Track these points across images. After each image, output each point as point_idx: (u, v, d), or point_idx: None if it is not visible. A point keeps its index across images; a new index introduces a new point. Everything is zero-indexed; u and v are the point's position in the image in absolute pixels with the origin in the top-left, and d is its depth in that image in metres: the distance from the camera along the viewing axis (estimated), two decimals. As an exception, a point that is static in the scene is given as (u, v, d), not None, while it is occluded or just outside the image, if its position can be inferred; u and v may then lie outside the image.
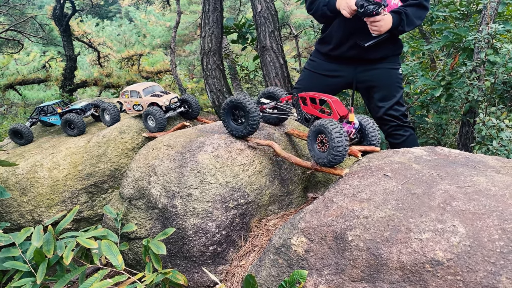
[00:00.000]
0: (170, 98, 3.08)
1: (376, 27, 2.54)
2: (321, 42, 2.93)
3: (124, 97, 3.21)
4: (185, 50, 18.05)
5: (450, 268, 1.49)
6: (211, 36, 5.12)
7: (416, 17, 2.69)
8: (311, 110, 2.31)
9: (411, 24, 2.68)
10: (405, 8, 2.64)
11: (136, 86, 3.21)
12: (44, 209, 2.90)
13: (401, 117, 2.81)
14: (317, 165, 2.16)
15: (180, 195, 2.22)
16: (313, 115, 2.31)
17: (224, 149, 2.35)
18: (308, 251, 1.80)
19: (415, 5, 2.67)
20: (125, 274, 1.92)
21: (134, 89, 3.17)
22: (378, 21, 2.52)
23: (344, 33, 2.75)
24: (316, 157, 2.11)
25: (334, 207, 1.85)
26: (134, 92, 3.14)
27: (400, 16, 2.61)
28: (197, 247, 2.15)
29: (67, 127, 3.32)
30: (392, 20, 2.58)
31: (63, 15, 9.14)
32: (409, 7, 2.66)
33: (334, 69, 2.85)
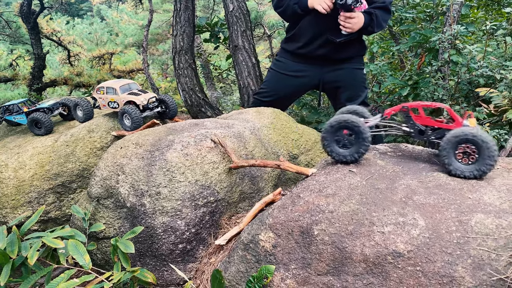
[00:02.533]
0: (148, 98, 3.02)
1: (350, 24, 2.60)
2: (288, 41, 2.96)
3: (99, 93, 3.13)
4: (158, 49, 17.84)
5: (410, 259, 1.55)
6: (183, 34, 5.09)
7: (383, 20, 2.78)
8: (426, 121, 2.07)
9: (380, 26, 2.76)
10: (374, 10, 2.71)
11: (113, 82, 3.14)
12: (9, 210, 2.83)
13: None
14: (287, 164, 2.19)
15: (149, 193, 2.21)
16: (428, 126, 2.08)
17: (193, 147, 2.35)
18: (275, 246, 1.82)
19: (382, 8, 2.75)
20: (92, 274, 1.90)
21: (110, 85, 3.09)
22: (353, 18, 2.58)
23: (314, 32, 2.80)
24: (457, 170, 1.86)
25: (301, 203, 1.89)
26: (110, 88, 3.07)
27: (371, 17, 2.68)
28: (166, 245, 2.15)
29: (33, 127, 3.24)
30: (364, 19, 2.64)
31: (31, 12, 8.88)
32: (377, 9, 2.73)
33: (301, 70, 2.90)
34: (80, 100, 3.18)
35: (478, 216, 1.60)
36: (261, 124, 2.78)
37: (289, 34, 2.95)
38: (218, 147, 2.43)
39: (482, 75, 3.20)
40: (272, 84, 3.00)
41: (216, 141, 2.41)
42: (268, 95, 3.17)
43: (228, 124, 2.69)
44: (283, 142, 2.78)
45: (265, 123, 2.81)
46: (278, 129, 2.82)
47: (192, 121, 2.78)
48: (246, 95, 5.05)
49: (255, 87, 4.99)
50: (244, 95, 5.05)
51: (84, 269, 1.93)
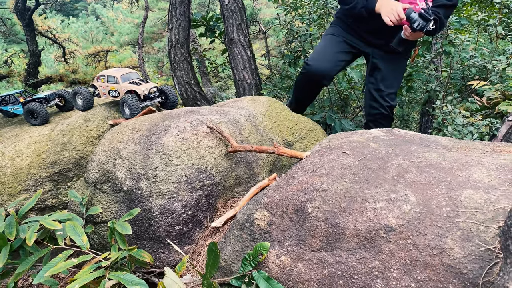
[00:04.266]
0: (150, 87, 3.03)
1: (415, 37, 2.61)
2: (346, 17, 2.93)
3: (99, 81, 3.14)
4: (153, 48, 17.83)
5: (402, 233, 1.59)
6: (179, 28, 5.12)
7: (445, 17, 2.73)
8: None
9: (441, 28, 2.74)
10: (438, 11, 2.64)
11: (113, 71, 3.14)
12: (7, 197, 2.84)
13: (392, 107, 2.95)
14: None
15: (146, 176, 2.24)
16: None
17: (189, 132, 2.38)
18: (270, 224, 1.86)
19: (448, 6, 2.69)
20: (90, 254, 1.93)
21: (111, 74, 3.09)
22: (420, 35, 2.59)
23: (373, 27, 2.79)
24: None
25: (295, 182, 1.92)
26: (111, 77, 3.07)
27: (435, 25, 2.65)
28: (163, 227, 2.18)
29: (29, 117, 3.25)
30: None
31: (25, 9, 8.88)
32: (442, 7, 2.67)
33: (356, 43, 2.93)
34: (80, 89, 3.19)
35: (467, 192, 1.64)
36: (256, 112, 2.82)
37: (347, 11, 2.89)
38: (214, 133, 2.46)
39: (474, 65, 3.25)
40: (325, 49, 2.92)
41: (211, 127, 2.44)
42: (317, 57, 2.99)
43: (224, 111, 2.73)
44: (278, 130, 2.82)
45: (260, 110, 2.84)
46: (273, 117, 2.86)
47: (188, 108, 2.81)
48: (241, 88, 5.08)
49: (251, 80, 5.02)
50: (240, 89, 5.09)
51: (82, 249, 1.96)
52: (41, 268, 2.45)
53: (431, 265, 1.50)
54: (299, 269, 1.75)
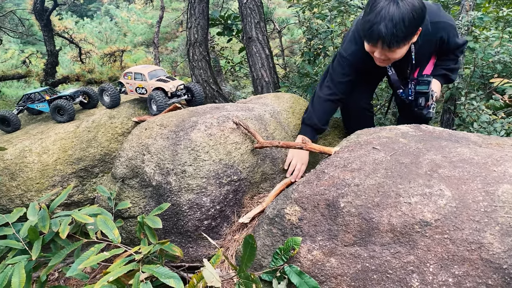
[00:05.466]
0: (177, 85, 3.04)
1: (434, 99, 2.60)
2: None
3: (126, 78, 3.15)
4: (167, 48, 17.95)
5: (438, 228, 1.58)
6: (197, 27, 5.15)
7: (456, 70, 2.69)
8: None
9: (455, 76, 2.72)
10: (448, 66, 2.63)
11: (141, 68, 3.14)
12: (34, 193, 2.89)
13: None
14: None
15: (174, 172, 2.25)
16: None
17: (217, 128, 2.40)
18: (301, 219, 1.86)
19: (452, 60, 2.66)
20: (121, 247, 1.95)
21: (138, 71, 3.10)
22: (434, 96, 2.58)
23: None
24: None
25: (325, 178, 1.92)
26: (139, 74, 3.09)
27: (447, 77, 2.64)
28: (192, 221, 2.19)
29: (56, 114, 3.29)
30: (440, 84, 2.63)
31: (44, 10, 9.00)
32: (449, 62, 2.64)
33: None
34: (107, 86, 3.20)
35: (504, 187, 1.62)
36: (281, 108, 2.82)
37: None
38: (240, 129, 2.46)
39: (499, 61, 3.21)
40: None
41: (238, 123, 2.45)
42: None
43: (248, 107, 2.73)
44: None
45: (285, 107, 2.84)
46: (297, 113, 2.86)
47: (213, 105, 2.82)
48: (259, 86, 5.09)
49: (269, 79, 5.03)
50: (258, 87, 5.10)
51: (114, 243, 1.98)
52: (70, 261, 2.49)
53: (469, 260, 1.49)
54: (332, 263, 1.75)
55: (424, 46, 2.44)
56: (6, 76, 10.09)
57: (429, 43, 2.44)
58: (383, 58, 2.27)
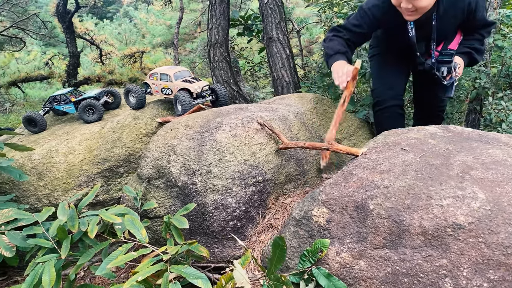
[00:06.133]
0: (202, 86, 3.06)
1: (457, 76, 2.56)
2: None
3: (152, 79, 3.18)
4: (186, 49, 18.09)
5: (472, 231, 1.54)
6: (218, 28, 5.16)
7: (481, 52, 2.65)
8: None
9: (481, 57, 2.66)
10: (473, 45, 2.58)
11: (166, 68, 3.17)
12: (61, 193, 2.94)
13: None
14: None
15: (200, 172, 2.26)
16: None
17: (241, 129, 2.39)
18: (329, 221, 1.84)
19: (479, 40, 2.61)
20: (149, 247, 1.96)
21: (164, 72, 3.13)
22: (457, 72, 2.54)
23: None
24: None
25: (354, 179, 1.90)
26: (164, 75, 3.11)
27: (471, 56, 2.59)
28: (218, 222, 2.19)
29: (85, 113, 3.34)
30: (464, 62, 2.58)
31: (66, 12, 9.17)
32: (475, 41, 2.59)
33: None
34: (133, 87, 3.23)
35: (541, 189, 1.57)
36: (305, 109, 2.80)
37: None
38: (264, 130, 2.46)
39: (529, 59, 3.13)
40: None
41: (262, 124, 2.44)
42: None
43: (272, 108, 2.73)
44: (326, 127, 2.79)
45: (308, 107, 2.83)
46: (321, 114, 2.83)
47: (237, 105, 2.82)
48: (280, 86, 5.07)
49: (289, 79, 5.01)
50: (278, 87, 5.08)
51: (141, 243, 2.00)
52: (97, 259, 2.52)
53: (505, 264, 1.45)
54: (361, 266, 1.72)
55: (449, 11, 2.38)
56: (30, 78, 10.32)
57: (454, 8, 2.37)
58: (410, 7, 2.24)
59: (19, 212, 2.30)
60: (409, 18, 2.35)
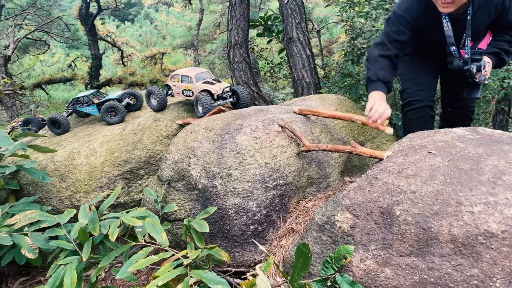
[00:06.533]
0: (223, 87, 3.04)
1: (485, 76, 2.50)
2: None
3: (173, 81, 3.18)
4: (205, 50, 18.17)
5: (505, 240, 1.46)
6: (238, 29, 5.14)
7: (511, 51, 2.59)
8: None
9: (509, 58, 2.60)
10: (501, 45, 2.51)
11: (187, 70, 3.17)
12: (83, 194, 2.96)
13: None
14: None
15: (220, 175, 2.23)
16: None
17: (262, 131, 2.36)
18: (353, 227, 1.79)
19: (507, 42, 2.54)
20: (170, 251, 1.95)
21: (185, 73, 3.13)
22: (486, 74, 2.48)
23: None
24: None
25: (379, 184, 1.84)
26: (185, 77, 3.11)
27: (499, 56, 2.53)
28: (238, 226, 2.17)
29: (107, 115, 3.36)
30: (492, 63, 2.52)
31: (88, 15, 9.32)
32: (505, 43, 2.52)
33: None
34: (154, 89, 3.24)
35: None
36: (327, 110, 2.75)
37: None
38: (285, 132, 2.42)
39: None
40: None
41: (283, 126, 2.40)
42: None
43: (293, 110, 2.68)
44: (348, 129, 2.73)
45: (331, 109, 2.77)
46: (344, 116, 2.77)
47: (257, 107, 2.79)
48: (300, 87, 5.03)
49: (310, 80, 4.96)
50: (298, 88, 5.04)
51: (162, 247, 1.98)
52: (118, 261, 2.53)
53: (542, 275, 1.37)
54: (386, 274, 1.66)
55: (483, 7, 2.32)
56: (53, 80, 10.53)
57: (488, 5, 2.31)
58: None
59: (41, 214, 2.32)
60: (445, 10, 2.28)
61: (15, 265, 2.87)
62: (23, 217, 2.45)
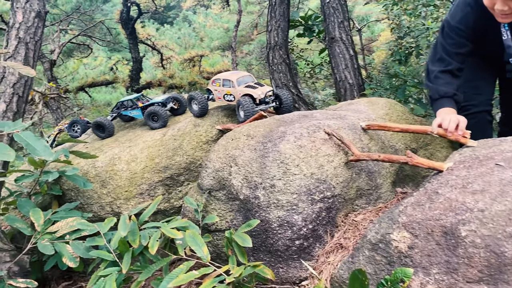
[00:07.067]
0: (266, 91, 2.93)
1: None
2: None
3: (214, 85, 3.11)
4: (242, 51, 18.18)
5: None
6: (278, 29, 5.02)
7: None
8: None
9: None
10: None
11: (229, 74, 3.08)
12: (123, 201, 2.94)
13: None
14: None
15: (263, 186, 2.12)
16: None
17: (307, 139, 2.22)
18: (412, 247, 1.62)
19: None
20: (211, 266, 1.85)
21: (227, 77, 3.04)
22: None
23: None
24: None
25: (440, 200, 1.66)
26: (227, 81, 3.03)
27: None
28: (282, 240, 2.04)
29: (150, 120, 3.34)
30: None
31: (129, 19, 9.49)
32: None
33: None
34: (195, 94, 3.17)
35: None
36: (376, 115, 2.57)
37: None
38: (332, 139, 2.27)
39: None
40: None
41: (330, 133, 2.26)
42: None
43: (340, 115, 2.53)
44: (400, 135, 2.55)
45: (380, 114, 2.60)
46: (394, 121, 2.59)
47: (300, 112, 2.66)
48: (342, 89, 4.84)
49: (353, 81, 4.76)
50: (341, 89, 4.85)
51: (203, 261, 1.89)
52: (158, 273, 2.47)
53: None
54: (451, 302, 1.49)
55: None
56: (96, 83, 10.82)
57: None
58: (506, 9, 1.97)
59: (82, 223, 2.30)
60: (504, 21, 2.08)
61: (57, 270, 2.89)
62: (64, 225, 2.45)
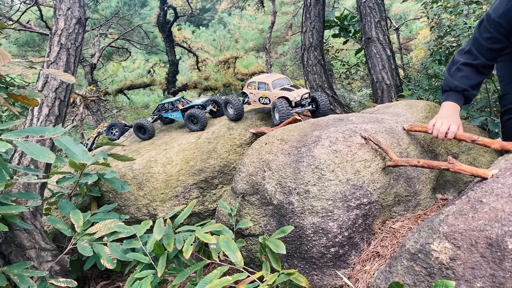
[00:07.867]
0: (302, 94, 2.90)
1: None
2: None
3: (250, 88, 3.11)
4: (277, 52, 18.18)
5: None
6: (312, 30, 4.96)
7: None
8: None
9: None
10: None
11: (265, 77, 3.08)
12: (159, 203, 2.98)
13: None
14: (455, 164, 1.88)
15: (297, 191, 2.09)
16: None
17: (342, 143, 2.17)
18: (454, 259, 1.55)
19: None
20: (244, 272, 1.84)
21: (262, 80, 3.04)
22: None
23: None
24: None
25: (485, 209, 1.57)
26: (262, 83, 3.02)
27: None
28: (317, 247, 2.00)
29: (190, 122, 3.39)
30: None
31: (166, 22, 9.68)
32: None
33: None
34: (231, 98, 3.18)
35: None
36: (415, 119, 2.48)
37: None
38: (369, 144, 2.21)
39: None
40: None
41: (366, 137, 2.20)
42: None
43: (377, 118, 2.46)
44: (440, 139, 2.44)
45: (419, 117, 2.50)
46: (434, 124, 2.49)
47: (336, 116, 2.61)
48: (379, 90, 4.72)
49: (390, 82, 4.64)
50: (378, 90, 4.73)
51: (236, 266, 1.88)
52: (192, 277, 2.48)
53: None
54: (497, 319, 1.41)
55: None
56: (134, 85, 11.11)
57: None
58: None
59: (119, 226, 2.34)
60: None
61: (96, 269, 2.97)
62: (103, 227, 2.51)
